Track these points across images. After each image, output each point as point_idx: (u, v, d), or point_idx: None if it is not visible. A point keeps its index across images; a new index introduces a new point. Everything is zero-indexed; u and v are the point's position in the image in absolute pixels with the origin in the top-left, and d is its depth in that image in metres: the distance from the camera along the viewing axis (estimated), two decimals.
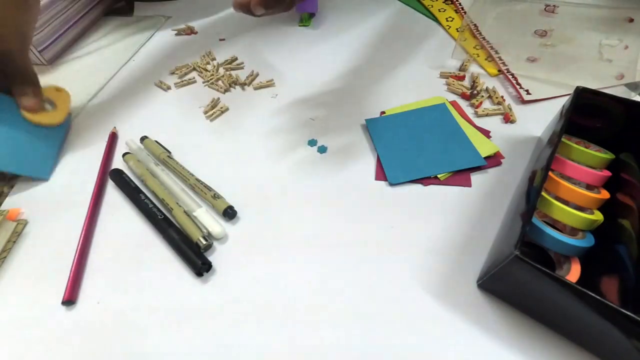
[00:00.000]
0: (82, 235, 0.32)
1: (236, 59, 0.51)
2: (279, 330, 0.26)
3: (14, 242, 0.33)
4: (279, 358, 0.25)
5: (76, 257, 0.31)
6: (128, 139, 0.40)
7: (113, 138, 0.41)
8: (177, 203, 0.34)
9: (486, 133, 0.37)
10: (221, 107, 0.43)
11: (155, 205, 0.33)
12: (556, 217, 0.26)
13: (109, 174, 0.37)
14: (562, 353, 0.24)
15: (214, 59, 0.51)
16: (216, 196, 0.33)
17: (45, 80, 0.41)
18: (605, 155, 0.29)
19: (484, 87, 0.42)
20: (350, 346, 0.25)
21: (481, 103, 0.40)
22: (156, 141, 0.40)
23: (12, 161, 0.36)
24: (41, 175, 0.38)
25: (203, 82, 0.47)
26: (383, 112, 0.41)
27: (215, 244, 0.31)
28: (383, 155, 0.36)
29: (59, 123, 0.41)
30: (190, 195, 0.34)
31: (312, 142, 0.39)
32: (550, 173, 0.27)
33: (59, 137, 0.41)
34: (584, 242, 0.25)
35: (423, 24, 0.53)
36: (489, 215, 0.31)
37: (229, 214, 0.32)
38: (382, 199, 0.33)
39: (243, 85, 0.46)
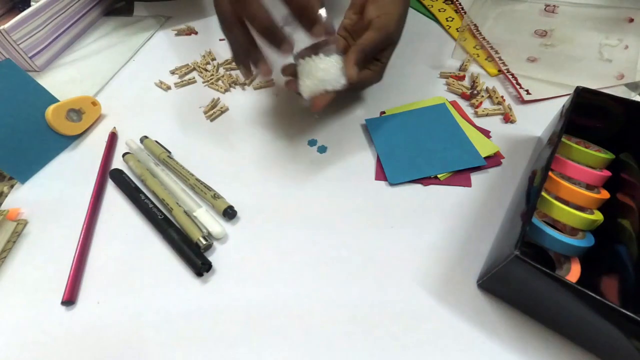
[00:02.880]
0: (82, 235, 0.32)
1: None
2: (279, 330, 0.26)
3: (14, 242, 0.33)
4: (278, 357, 0.25)
5: (76, 257, 0.31)
6: (128, 139, 0.40)
7: (113, 138, 0.41)
8: (177, 203, 0.34)
9: (486, 133, 0.37)
10: (221, 107, 0.43)
11: (155, 205, 0.33)
12: (556, 217, 0.26)
13: (109, 174, 0.37)
14: (562, 353, 0.24)
15: (214, 59, 0.51)
16: (216, 196, 0.33)
17: (43, 83, 0.40)
18: (605, 155, 0.29)
19: (484, 87, 0.42)
20: (351, 345, 0.25)
21: (481, 103, 0.40)
22: (156, 141, 0.40)
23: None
24: (20, 178, 0.38)
25: (203, 82, 0.47)
26: (383, 112, 0.41)
27: (215, 244, 0.31)
28: (383, 155, 0.36)
29: (73, 134, 0.41)
30: (190, 195, 0.34)
31: (312, 142, 0.38)
32: (550, 173, 0.27)
33: (61, 148, 0.41)
34: (584, 242, 0.25)
35: (423, 24, 0.53)
36: (489, 215, 0.31)
37: (229, 214, 0.32)
38: (382, 199, 0.33)
39: (243, 85, 0.46)
